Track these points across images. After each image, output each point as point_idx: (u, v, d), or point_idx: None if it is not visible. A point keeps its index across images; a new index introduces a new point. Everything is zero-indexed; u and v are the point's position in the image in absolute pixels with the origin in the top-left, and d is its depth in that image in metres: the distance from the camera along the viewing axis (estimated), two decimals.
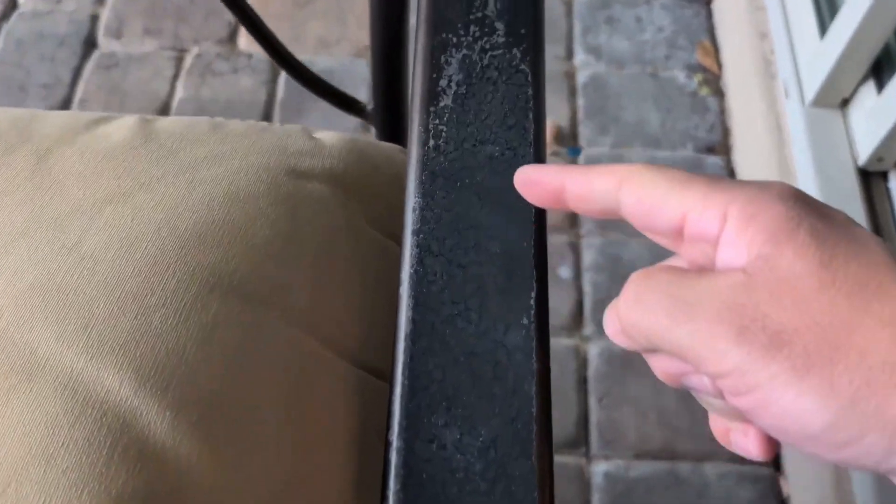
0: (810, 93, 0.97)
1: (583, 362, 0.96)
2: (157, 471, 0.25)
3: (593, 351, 0.97)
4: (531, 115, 0.34)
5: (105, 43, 1.20)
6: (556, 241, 1.04)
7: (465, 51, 0.36)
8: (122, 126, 0.36)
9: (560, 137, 1.12)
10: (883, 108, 0.90)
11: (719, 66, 1.18)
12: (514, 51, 0.36)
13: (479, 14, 0.36)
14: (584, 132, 1.12)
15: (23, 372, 0.26)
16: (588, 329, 0.98)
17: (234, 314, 0.29)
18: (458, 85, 0.35)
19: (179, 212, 0.31)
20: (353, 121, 1.11)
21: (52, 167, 0.33)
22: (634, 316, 0.24)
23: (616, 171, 0.25)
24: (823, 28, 0.97)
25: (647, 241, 1.03)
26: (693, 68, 1.19)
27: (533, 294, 0.31)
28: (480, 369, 0.29)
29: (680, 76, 1.18)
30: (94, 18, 1.22)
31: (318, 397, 0.30)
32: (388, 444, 0.28)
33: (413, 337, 0.29)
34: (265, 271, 0.30)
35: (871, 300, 0.19)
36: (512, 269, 0.31)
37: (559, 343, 0.97)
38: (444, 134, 0.34)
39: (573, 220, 1.05)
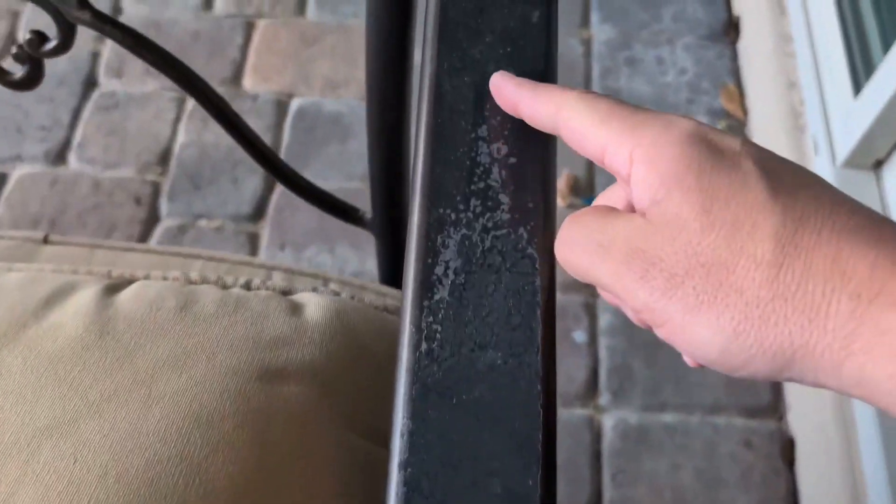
0: (842, 152, 0.92)
1: (597, 435, 0.91)
2: None
3: (608, 423, 0.92)
4: (539, 313, 0.30)
5: (105, 82, 1.16)
6: (570, 302, 0.99)
7: (464, 230, 0.31)
8: (78, 311, 0.32)
9: (575, 188, 1.07)
10: None
11: (744, 111, 1.13)
12: (521, 230, 0.31)
13: (482, 184, 0.32)
14: (601, 181, 1.08)
15: None
16: (603, 399, 0.94)
17: None
18: (455, 273, 0.31)
19: (129, 449, 0.27)
20: (361, 167, 1.07)
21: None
22: (563, 255, 0.27)
23: (554, 99, 0.27)
24: (857, 85, 0.92)
25: None
26: (717, 114, 1.13)
27: None
28: None
29: (703, 121, 1.12)
30: (95, 56, 1.19)
31: None
32: None
33: None
34: None
35: (746, 241, 0.21)
36: None
37: (573, 413, 0.93)
38: (438, 335, 0.29)
39: None
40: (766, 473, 0.90)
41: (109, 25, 0.45)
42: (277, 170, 0.50)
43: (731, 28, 1.19)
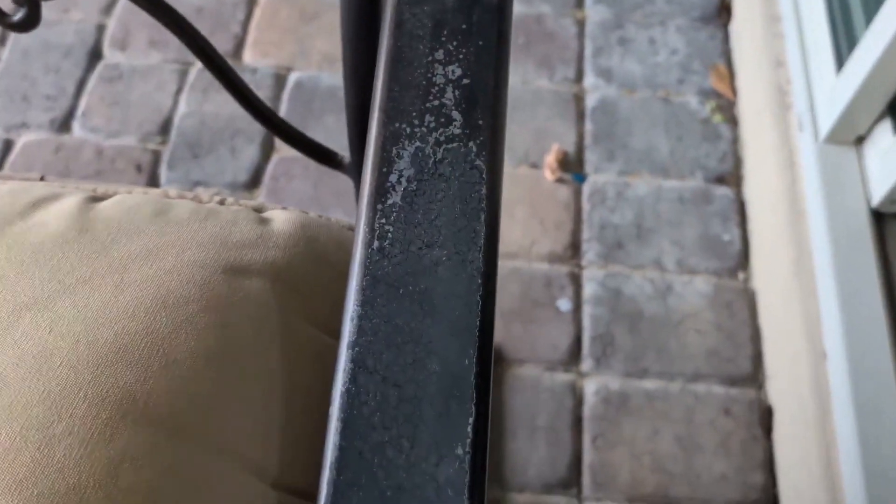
0: (825, 128, 0.94)
1: (579, 400, 0.94)
2: None
3: (590, 388, 0.94)
4: (483, 217, 0.32)
5: (110, 54, 1.19)
6: (556, 272, 1.02)
7: (418, 143, 0.34)
8: (61, 213, 0.34)
9: (565, 163, 1.09)
10: None
11: (734, 92, 1.15)
12: (470, 144, 0.34)
13: (436, 102, 0.34)
14: (591, 158, 1.10)
15: None
16: (586, 365, 0.96)
17: (144, 447, 0.27)
18: (408, 181, 0.33)
19: (101, 322, 0.29)
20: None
21: None
22: None
23: None
24: (841, 62, 0.94)
25: (649, 274, 1.00)
26: (706, 94, 1.15)
27: (471, 420, 0.29)
28: None
29: (692, 101, 1.15)
30: (101, 28, 1.21)
31: None
32: None
33: (338, 467, 0.28)
34: (183, 392, 0.29)
35: None
36: (450, 391, 0.29)
37: (556, 379, 0.95)
38: (389, 235, 0.32)
39: (575, 249, 1.03)
40: (744, 440, 0.92)
41: None
42: (266, 118, 0.53)
43: (724, 10, 1.21)
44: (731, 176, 1.09)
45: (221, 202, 0.40)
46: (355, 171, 0.54)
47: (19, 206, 0.35)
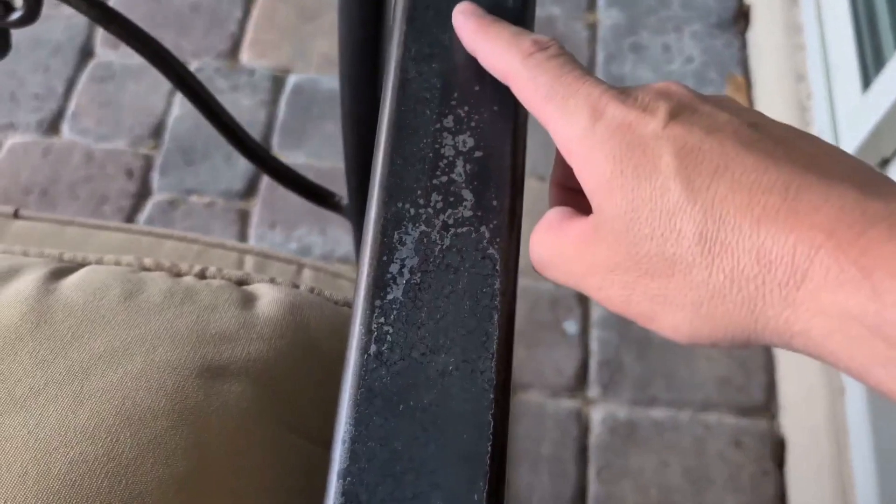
0: (848, 149, 0.89)
1: (584, 429, 0.90)
2: None
3: (596, 416, 0.91)
4: (496, 318, 0.28)
5: (101, 52, 1.15)
6: (563, 291, 0.98)
7: (423, 226, 0.29)
8: (17, 297, 0.30)
9: None
10: None
11: (751, 104, 1.10)
12: (482, 229, 0.29)
13: (444, 178, 0.30)
14: None
15: None
16: (593, 391, 0.92)
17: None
18: (411, 272, 0.29)
19: (54, 447, 0.25)
20: None
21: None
22: (539, 270, 0.28)
23: (503, 60, 0.28)
24: (867, 79, 0.89)
25: None
26: None
27: None
28: None
29: None
30: (92, 25, 1.17)
31: None
32: None
33: None
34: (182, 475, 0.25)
35: (676, 248, 0.22)
36: None
37: (561, 405, 0.91)
38: (389, 338, 0.28)
39: None
40: (754, 474, 0.88)
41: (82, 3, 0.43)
42: (257, 156, 0.48)
43: (742, 17, 1.16)
44: None
45: (202, 274, 0.36)
46: (354, 214, 0.50)
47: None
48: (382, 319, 0.28)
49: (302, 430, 0.30)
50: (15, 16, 0.45)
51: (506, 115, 0.31)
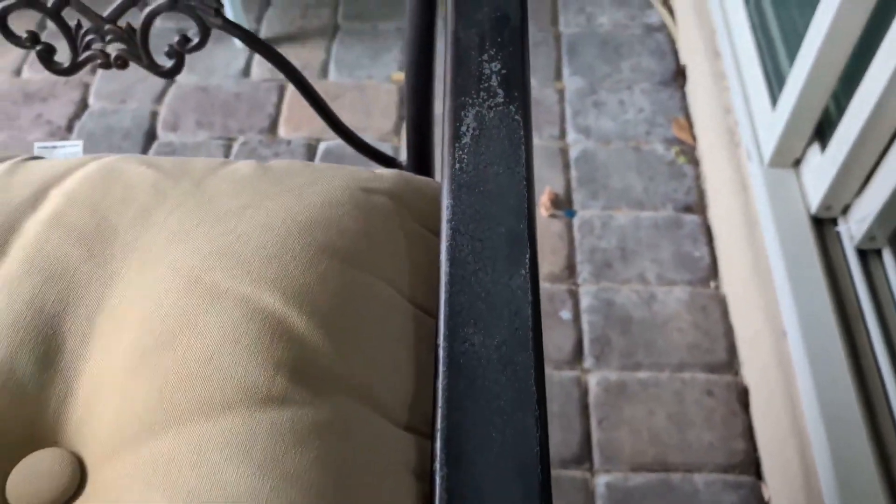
0: (767, 155, 1.15)
1: (584, 391, 1.10)
2: (299, 349, 0.41)
3: (592, 381, 1.11)
4: (523, 148, 0.51)
5: (163, 135, 1.40)
6: (557, 289, 1.20)
7: (477, 108, 0.53)
8: (246, 166, 0.53)
9: (557, 202, 1.29)
10: (826, 165, 1.07)
11: (693, 138, 1.37)
12: (511, 107, 0.53)
13: (486, 84, 0.54)
14: (578, 197, 1.30)
15: (212, 297, 0.42)
16: (588, 362, 1.13)
17: (336, 266, 0.45)
18: (473, 130, 0.52)
19: (295, 212, 0.48)
20: None
21: (206, 189, 0.50)
22: None
23: None
24: (774, 99, 1.16)
25: (635, 287, 1.19)
26: (670, 141, 1.37)
27: (527, 257, 0.47)
28: (495, 300, 0.45)
29: (659, 148, 1.36)
30: (154, 115, 1.43)
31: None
32: (437, 346, 0.43)
33: (450, 284, 0.45)
34: (352, 244, 0.47)
35: None
36: (512, 242, 0.47)
37: (563, 375, 1.12)
38: (465, 160, 0.51)
39: (571, 270, 1.21)
40: (725, 415, 1.08)
41: (235, 28, 0.68)
42: (338, 126, 0.72)
43: (679, 75, 1.45)
44: (697, 205, 1.30)
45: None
46: (413, 171, 0.73)
47: (216, 164, 0.54)
48: (461, 152, 0.51)
49: (421, 222, 0.53)
50: (191, 44, 0.69)
51: (517, 51, 0.55)
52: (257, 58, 1.51)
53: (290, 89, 1.45)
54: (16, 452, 0.38)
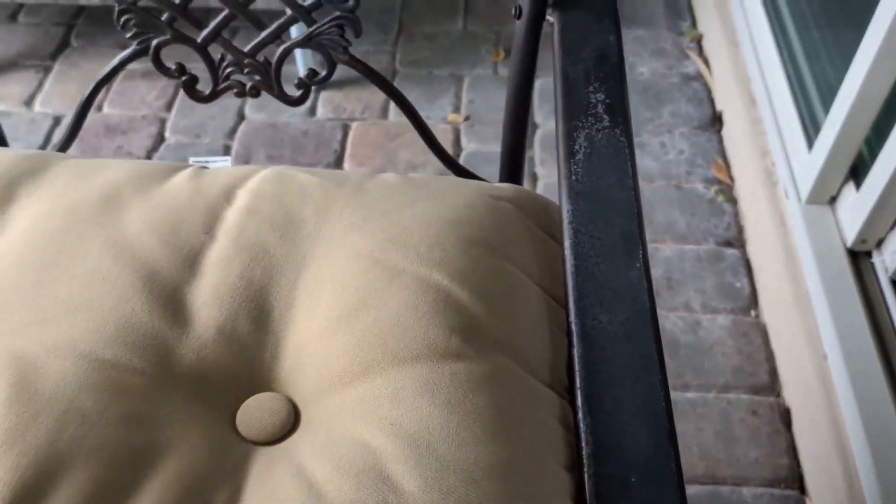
0: (805, 194, 1.24)
1: None
2: (465, 316, 0.50)
3: None
4: (628, 164, 0.60)
5: None
6: None
7: (587, 130, 0.62)
8: (391, 176, 0.63)
9: None
10: (861, 202, 1.16)
11: (731, 178, 1.47)
12: (615, 130, 0.62)
13: (593, 111, 0.63)
14: None
15: (391, 274, 0.51)
16: None
17: (482, 254, 0.54)
18: (585, 148, 0.61)
19: (443, 211, 0.57)
20: None
21: (366, 192, 0.59)
22: None
23: None
24: (810, 143, 1.25)
25: (681, 314, 1.26)
26: (710, 181, 1.47)
27: (640, 252, 0.56)
28: (616, 287, 0.54)
29: (699, 187, 1.46)
30: (227, 148, 1.53)
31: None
32: (569, 323, 0.52)
33: (576, 273, 0.54)
34: (491, 237, 0.56)
35: None
36: (627, 241, 0.56)
37: None
38: (580, 173, 0.60)
39: None
40: (770, 433, 1.16)
41: (359, 64, 0.78)
42: (445, 158, 0.82)
43: (717, 119, 1.55)
44: (736, 240, 1.38)
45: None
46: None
47: (366, 174, 0.63)
48: (575, 167, 0.60)
49: (538, 224, 0.62)
50: (318, 77, 0.79)
51: (618, 84, 0.65)
52: (322, 97, 1.62)
53: (354, 127, 1.56)
54: (241, 393, 0.47)
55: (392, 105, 1.60)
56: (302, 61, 1.60)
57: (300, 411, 0.46)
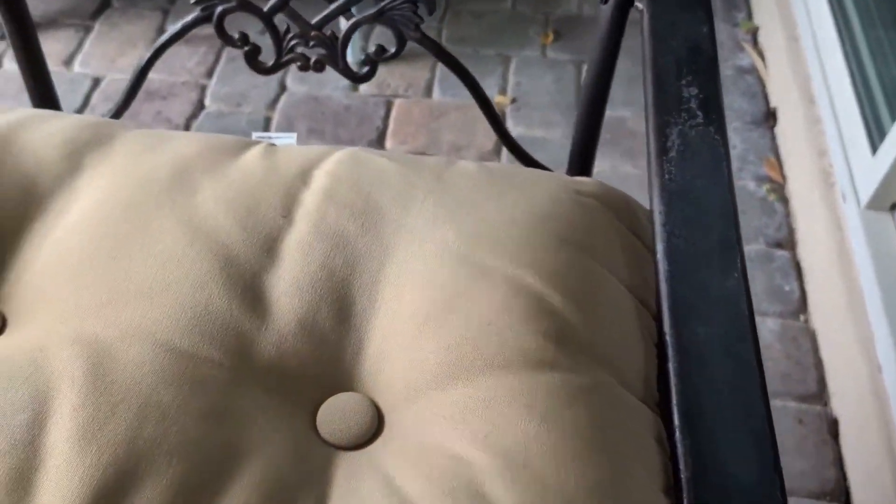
0: (864, 198, 1.20)
1: None
2: (560, 322, 0.46)
3: None
4: (724, 164, 0.57)
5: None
6: None
7: (680, 127, 0.59)
8: (470, 164, 0.59)
9: None
10: None
11: (783, 177, 1.42)
12: (710, 128, 0.59)
13: (686, 106, 0.60)
14: None
15: (481, 272, 0.48)
16: None
17: (574, 254, 0.51)
18: (678, 146, 0.58)
19: (529, 206, 0.54)
20: None
21: (447, 182, 0.56)
22: None
23: None
24: (874, 147, 1.21)
25: None
26: (761, 179, 1.43)
27: (738, 260, 0.52)
28: (714, 297, 0.50)
29: (751, 185, 1.42)
30: (268, 119, 1.50)
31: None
32: (662, 334, 0.49)
33: (670, 281, 0.51)
34: (582, 236, 0.53)
35: None
36: (724, 247, 0.53)
37: None
38: (673, 172, 0.56)
39: None
40: (816, 444, 1.12)
41: (429, 42, 0.75)
42: (508, 140, 0.78)
43: (771, 116, 1.51)
44: (787, 241, 1.34)
45: None
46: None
47: (444, 161, 0.60)
48: (668, 165, 0.57)
49: (623, 223, 0.59)
50: (387, 54, 0.76)
51: (712, 78, 0.61)
52: None
53: (397, 105, 1.53)
54: (322, 392, 0.44)
55: (436, 84, 1.56)
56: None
57: (384, 415, 0.44)
